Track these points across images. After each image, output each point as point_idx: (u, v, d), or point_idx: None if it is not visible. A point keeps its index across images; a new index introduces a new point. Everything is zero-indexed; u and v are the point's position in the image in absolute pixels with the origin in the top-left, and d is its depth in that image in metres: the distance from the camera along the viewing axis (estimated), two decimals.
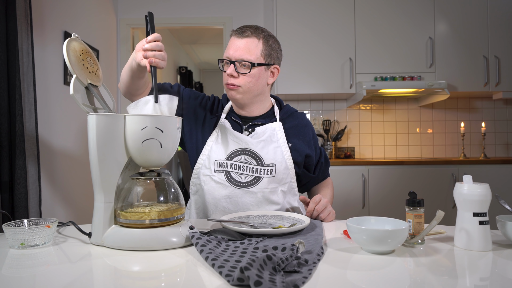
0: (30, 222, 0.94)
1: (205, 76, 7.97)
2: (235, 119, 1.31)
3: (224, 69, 1.25)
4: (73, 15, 2.71)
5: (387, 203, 2.82)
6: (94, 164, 0.87)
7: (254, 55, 1.21)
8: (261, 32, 1.24)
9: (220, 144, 1.26)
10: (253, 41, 1.21)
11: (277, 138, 1.27)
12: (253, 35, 1.22)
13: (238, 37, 1.22)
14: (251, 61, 1.21)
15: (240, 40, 1.21)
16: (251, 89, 1.24)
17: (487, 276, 0.72)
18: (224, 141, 1.26)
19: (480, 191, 0.84)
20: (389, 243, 0.80)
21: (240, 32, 1.22)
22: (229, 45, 1.24)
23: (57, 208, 2.49)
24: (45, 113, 2.36)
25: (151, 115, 0.89)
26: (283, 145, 1.27)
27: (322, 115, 3.49)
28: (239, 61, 1.20)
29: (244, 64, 1.21)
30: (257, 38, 1.22)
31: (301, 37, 3.10)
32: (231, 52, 1.21)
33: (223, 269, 0.66)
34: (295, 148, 1.30)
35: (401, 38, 3.09)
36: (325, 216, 1.16)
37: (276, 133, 1.28)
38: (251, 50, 1.21)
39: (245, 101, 1.27)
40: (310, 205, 1.16)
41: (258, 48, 1.22)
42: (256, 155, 1.23)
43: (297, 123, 1.35)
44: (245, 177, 1.22)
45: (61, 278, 0.68)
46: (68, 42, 0.91)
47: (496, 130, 3.46)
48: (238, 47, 1.21)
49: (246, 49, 1.20)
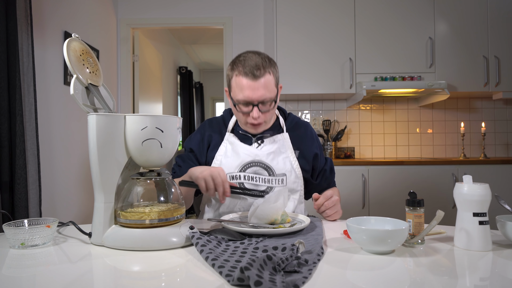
0: (30, 222, 0.94)
1: (205, 76, 7.97)
2: (243, 133, 1.32)
3: (241, 110, 1.23)
4: (73, 15, 2.71)
5: (387, 203, 2.82)
6: (94, 164, 0.87)
7: (273, 91, 1.21)
8: (268, 63, 1.20)
9: (230, 157, 1.27)
10: (267, 78, 1.18)
11: (285, 149, 1.30)
12: (265, 72, 1.18)
13: (253, 80, 1.17)
14: (273, 98, 1.21)
15: (255, 82, 1.17)
16: (271, 119, 1.29)
17: (487, 276, 0.72)
18: (234, 154, 1.27)
19: (480, 191, 0.84)
20: (389, 243, 0.80)
21: (252, 75, 1.17)
22: (243, 86, 1.18)
23: (57, 208, 2.49)
24: (45, 113, 2.36)
25: (151, 115, 0.89)
26: (291, 155, 1.30)
27: (322, 115, 3.49)
28: (262, 102, 1.20)
29: (266, 103, 1.21)
30: (269, 73, 1.19)
31: (301, 37, 3.10)
32: (250, 95, 1.18)
33: (223, 269, 0.66)
34: (302, 155, 1.32)
35: (401, 38, 3.09)
36: (332, 213, 1.17)
37: (284, 143, 1.31)
38: (269, 87, 1.19)
39: (264, 128, 1.31)
40: (320, 199, 1.16)
41: (272, 82, 1.21)
42: (267, 166, 1.25)
43: (303, 131, 1.39)
44: (259, 187, 1.24)
45: (61, 278, 0.68)
46: (68, 42, 0.91)
47: (496, 130, 3.46)
48: (256, 88, 1.17)
49: (265, 89, 1.18)
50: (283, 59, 3.10)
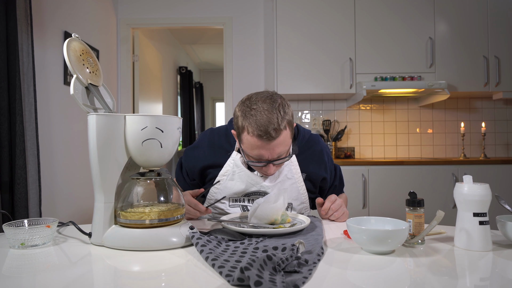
0: (30, 222, 0.94)
1: (205, 76, 7.97)
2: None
3: (254, 164, 1.15)
4: (73, 15, 2.71)
5: (387, 203, 2.82)
6: (94, 164, 0.87)
7: (288, 144, 1.13)
8: (283, 115, 1.08)
9: (234, 182, 1.23)
10: (283, 135, 1.08)
11: (292, 174, 1.24)
12: (281, 130, 1.07)
13: (267, 142, 1.07)
14: (288, 152, 1.16)
15: (270, 143, 1.07)
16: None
17: (487, 276, 0.72)
18: (239, 181, 1.22)
19: (480, 191, 0.84)
20: (389, 243, 0.80)
21: (267, 137, 1.06)
22: (256, 146, 1.08)
23: (57, 208, 2.49)
24: (45, 113, 2.36)
25: (150, 115, 0.89)
26: (298, 181, 1.24)
27: (322, 115, 3.49)
28: (277, 159, 1.12)
29: (282, 157, 1.14)
30: (285, 128, 1.08)
31: (301, 37, 3.10)
32: (264, 155, 1.10)
33: (223, 269, 0.66)
34: (309, 178, 1.28)
35: (401, 38, 3.09)
36: (339, 215, 1.16)
37: (291, 168, 1.24)
38: (285, 142, 1.10)
39: None
40: (326, 204, 1.15)
41: (288, 135, 1.12)
42: None
43: (313, 150, 1.31)
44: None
45: (61, 278, 0.68)
46: (68, 42, 0.91)
47: (496, 130, 3.46)
48: (271, 148, 1.08)
49: (282, 146, 1.10)
50: (283, 59, 3.09)
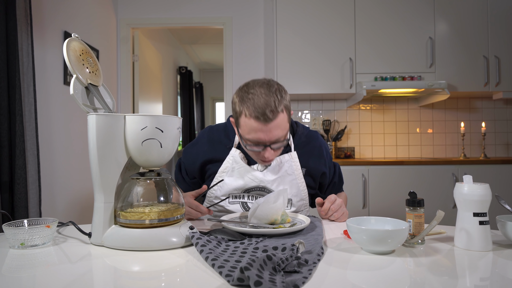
0: (30, 222, 0.94)
1: (205, 76, 7.97)
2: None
3: (252, 148, 1.14)
4: (73, 15, 2.71)
5: (387, 203, 2.82)
6: (94, 164, 0.87)
7: (286, 128, 1.12)
8: (280, 99, 1.09)
9: (233, 178, 1.23)
10: (280, 118, 1.08)
11: (292, 170, 1.24)
12: (278, 112, 1.07)
13: (264, 123, 1.07)
14: (286, 137, 1.14)
15: (267, 125, 1.07)
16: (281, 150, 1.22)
17: (487, 276, 0.72)
18: (239, 177, 1.22)
19: (480, 191, 0.84)
20: (389, 243, 0.80)
21: (263, 118, 1.06)
22: (254, 129, 1.08)
23: (57, 208, 2.49)
24: (45, 113, 2.36)
25: (150, 115, 0.89)
26: (298, 177, 1.25)
27: (322, 115, 3.49)
28: (275, 142, 1.12)
29: (279, 141, 1.13)
30: (281, 111, 1.08)
31: (301, 37, 3.10)
32: (262, 137, 1.09)
33: (223, 269, 0.66)
34: (309, 173, 1.28)
35: (401, 38, 3.09)
36: (339, 216, 1.16)
37: (291, 164, 1.24)
38: (282, 126, 1.10)
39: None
40: (326, 204, 1.15)
41: (285, 119, 1.11)
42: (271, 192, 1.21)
43: (312, 145, 1.32)
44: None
45: (61, 278, 0.68)
46: (68, 42, 0.91)
47: (496, 130, 3.46)
48: (268, 131, 1.08)
49: (278, 129, 1.09)
50: (283, 58, 3.09)
